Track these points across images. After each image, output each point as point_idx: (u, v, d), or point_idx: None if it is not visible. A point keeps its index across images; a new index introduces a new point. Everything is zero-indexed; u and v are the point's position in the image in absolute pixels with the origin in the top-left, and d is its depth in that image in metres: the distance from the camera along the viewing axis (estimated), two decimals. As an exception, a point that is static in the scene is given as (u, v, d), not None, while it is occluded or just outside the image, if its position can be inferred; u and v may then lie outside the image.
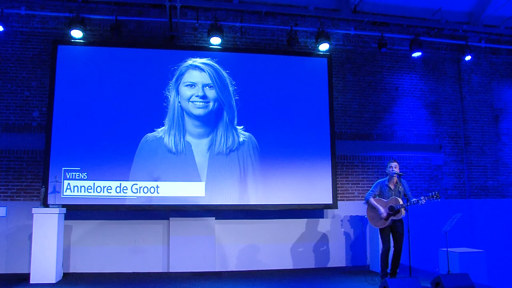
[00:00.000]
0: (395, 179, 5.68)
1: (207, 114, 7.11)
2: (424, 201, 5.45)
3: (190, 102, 7.08)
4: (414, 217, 6.73)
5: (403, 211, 5.50)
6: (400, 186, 5.66)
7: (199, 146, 7.02)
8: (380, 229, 5.64)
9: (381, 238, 5.66)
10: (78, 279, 6.11)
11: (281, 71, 7.49)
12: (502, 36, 8.85)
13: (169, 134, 6.97)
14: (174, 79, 7.11)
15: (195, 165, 6.95)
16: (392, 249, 5.64)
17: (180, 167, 6.91)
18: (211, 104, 7.13)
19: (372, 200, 5.65)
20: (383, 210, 5.51)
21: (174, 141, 6.97)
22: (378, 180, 5.85)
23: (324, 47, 7.58)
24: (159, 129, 6.96)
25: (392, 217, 5.51)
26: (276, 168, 7.20)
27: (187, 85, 7.13)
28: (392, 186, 5.67)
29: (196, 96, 7.10)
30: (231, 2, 7.63)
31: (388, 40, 8.09)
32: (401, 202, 5.51)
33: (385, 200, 5.60)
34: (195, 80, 7.15)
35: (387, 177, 5.74)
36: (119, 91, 6.97)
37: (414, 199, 5.51)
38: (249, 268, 7.07)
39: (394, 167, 5.61)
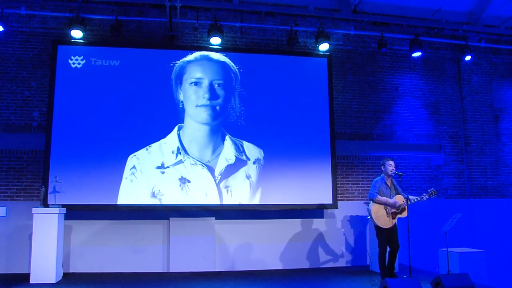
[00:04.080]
0: (390, 177, 5.75)
1: (208, 115, 7.08)
2: (426, 197, 5.56)
3: (196, 104, 7.06)
4: (414, 217, 6.72)
5: (407, 208, 5.54)
6: (394, 184, 5.78)
7: (199, 147, 7.01)
8: (378, 231, 5.63)
9: (379, 239, 5.64)
10: (78, 279, 6.11)
11: (281, 71, 7.49)
12: (502, 36, 8.85)
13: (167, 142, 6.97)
14: (174, 76, 7.11)
15: (194, 166, 6.95)
16: (388, 249, 5.65)
17: (179, 168, 6.91)
18: (217, 103, 7.11)
19: (379, 197, 5.60)
20: (393, 200, 5.55)
21: (178, 141, 6.97)
22: (376, 178, 5.82)
23: (324, 47, 7.58)
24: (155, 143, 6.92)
25: (399, 215, 5.58)
26: (276, 168, 7.20)
27: (190, 83, 7.11)
28: (389, 184, 5.74)
29: (203, 98, 7.07)
30: (231, 2, 7.63)
31: (388, 40, 8.09)
32: (404, 201, 5.54)
33: (390, 199, 5.64)
34: (199, 77, 7.14)
35: (383, 175, 5.76)
36: (119, 91, 6.97)
37: (415, 197, 5.60)
38: (249, 268, 7.07)
39: (394, 165, 5.72)
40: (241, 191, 7.04)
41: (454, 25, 8.45)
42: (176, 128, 6.99)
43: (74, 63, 6.91)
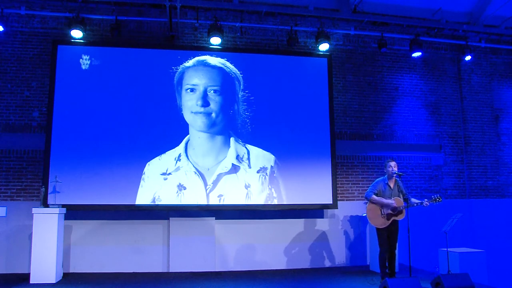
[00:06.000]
0: (394, 178, 5.69)
1: (202, 122, 7.06)
2: (428, 203, 5.45)
3: (191, 110, 7.04)
4: (414, 217, 6.72)
5: (404, 211, 5.50)
6: (398, 186, 5.69)
7: (201, 154, 7.01)
8: (378, 230, 5.63)
9: (379, 239, 5.62)
10: (78, 279, 6.11)
11: (281, 71, 7.49)
12: (502, 36, 8.85)
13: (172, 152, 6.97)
14: (175, 82, 7.10)
15: (195, 166, 6.95)
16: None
17: (179, 175, 6.90)
18: (212, 110, 7.09)
19: (375, 196, 5.58)
20: (388, 201, 5.49)
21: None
22: (378, 179, 5.81)
23: (324, 47, 7.58)
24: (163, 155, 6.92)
25: (394, 218, 5.52)
26: (276, 168, 7.19)
27: (186, 90, 7.10)
28: (392, 185, 5.67)
29: (197, 105, 7.05)
30: (231, 2, 7.63)
31: (388, 40, 8.09)
32: (403, 204, 5.51)
33: (385, 200, 5.59)
34: (196, 83, 7.13)
35: (386, 176, 5.72)
36: (119, 90, 6.97)
37: (417, 201, 5.51)
38: (249, 268, 7.07)
39: (394, 166, 5.62)
40: (236, 200, 6.97)
41: (454, 25, 8.45)
42: (188, 136, 7.02)
43: (73, 63, 6.91)
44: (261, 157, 7.17)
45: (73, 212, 6.57)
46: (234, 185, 7.00)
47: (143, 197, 6.76)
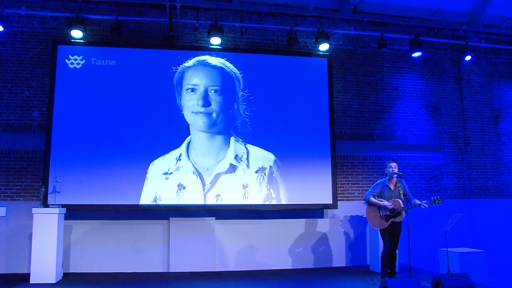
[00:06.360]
0: (395, 179, 5.64)
1: (203, 122, 7.05)
2: (427, 205, 5.36)
3: (191, 110, 7.04)
4: (414, 217, 6.72)
5: (403, 213, 5.48)
6: (399, 187, 5.64)
7: (201, 154, 7.01)
8: (380, 230, 5.63)
9: (382, 238, 5.63)
10: (78, 279, 6.11)
11: (281, 71, 7.49)
12: (502, 36, 8.85)
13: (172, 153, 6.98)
14: (175, 82, 7.10)
15: (195, 166, 6.95)
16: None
17: (179, 174, 6.90)
18: (213, 110, 7.09)
19: (372, 199, 5.61)
20: (385, 203, 5.46)
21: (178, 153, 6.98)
22: (378, 181, 5.81)
23: (324, 47, 7.58)
24: (166, 155, 6.92)
25: (393, 219, 5.50)
26: (276, 168, 7.19)
27: (187, 90, 7.10)
28: (392, 187, 5.64)
29: (198, 105, 7.05)
30: (231, 2, 7.63)
31: (388, 40, 8.09)
32: (402, 205, 5.48)
33: (385, 201, 5.58)
34: (197, 83, 7.13)
35: (387, 178, 5.70)
36: (119, 90, 6.96)
37: (416, 202, 5.43)
38: (249, 268, 7.07)
39: (394, 167, 5.59)
40: (234, 200, 6.96)
41: (454, 25, 8.45)
42: (190, 136, 7.03)
43: (73, 63, 6.92)
44: (260, 157, 7.16)
45: (73, 212, 6.57)
46: (232, 185, 6.99)
47: (146, 197, 6.77)
